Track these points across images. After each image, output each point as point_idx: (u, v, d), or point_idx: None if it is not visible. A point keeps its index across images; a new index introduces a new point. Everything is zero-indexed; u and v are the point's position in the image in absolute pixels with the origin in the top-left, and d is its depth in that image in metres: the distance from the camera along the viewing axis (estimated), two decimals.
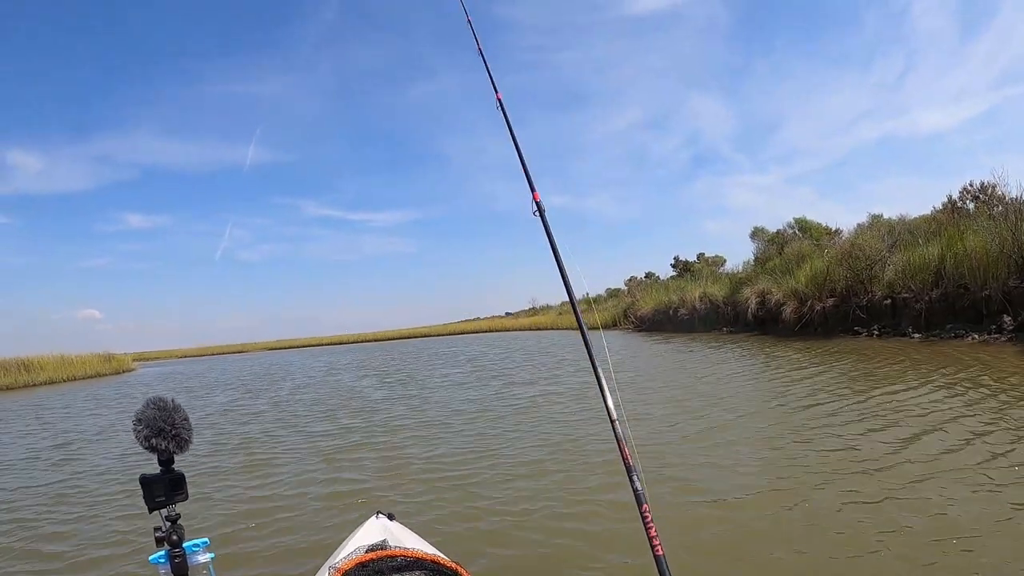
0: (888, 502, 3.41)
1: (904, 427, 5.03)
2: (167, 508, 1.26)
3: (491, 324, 54.23)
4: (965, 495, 3.39)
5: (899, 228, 14.52)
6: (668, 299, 24.96)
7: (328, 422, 8.30)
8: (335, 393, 12.07)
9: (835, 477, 3.94)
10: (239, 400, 12.44)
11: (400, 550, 1.73)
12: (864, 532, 3.06)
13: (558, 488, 4.35)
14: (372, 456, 5.99)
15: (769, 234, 20.34)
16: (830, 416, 5.75)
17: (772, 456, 4.64)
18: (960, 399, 5.84)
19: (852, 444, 4.69)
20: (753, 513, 3.50)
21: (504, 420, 7.30)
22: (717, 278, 23.67)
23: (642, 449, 5.03)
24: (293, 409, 10.07)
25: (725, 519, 3.47)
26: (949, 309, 11.29)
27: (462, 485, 4.67)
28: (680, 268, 34.56)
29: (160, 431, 1.24)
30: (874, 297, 13.28)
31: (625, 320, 31.01)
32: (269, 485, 5.23)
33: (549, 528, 3.60)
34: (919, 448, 4.39)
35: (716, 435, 5.45)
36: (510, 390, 10.20)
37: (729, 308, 20.05)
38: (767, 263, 19.00)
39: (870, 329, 13.00)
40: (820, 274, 15.00)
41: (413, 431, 7.09)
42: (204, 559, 1.30)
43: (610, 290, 44.53)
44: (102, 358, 30.04)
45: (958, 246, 11.12)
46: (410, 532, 2.35)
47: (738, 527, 3.34)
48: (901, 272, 12.60)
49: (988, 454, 4.05)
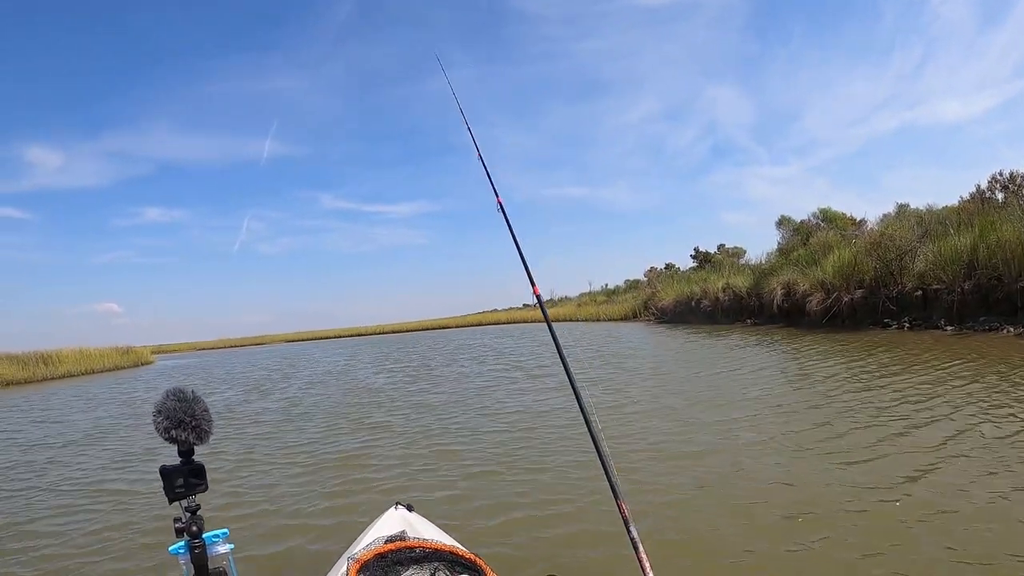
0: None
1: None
2: (187, 499, 1.27)
3: (509, 316, 54.35)
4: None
5: (928, 218, 14.36)
6: (690, 290, 24.91)
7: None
8: (349, 396, 11.88)
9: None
10: (247, 398, 12.57)
11: (419, 541, 1.75)
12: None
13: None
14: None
15: (794, 223, 20.18)
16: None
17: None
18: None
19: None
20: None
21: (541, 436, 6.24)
22: (740, 269, 23.56)
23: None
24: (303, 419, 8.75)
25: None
26: (982, 301, 11.20)
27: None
28: (700, 259, 34.38)
29: (180, 422, 1.25)
30: (904, 288, 13.19)
31: (645, 311, 31.01)
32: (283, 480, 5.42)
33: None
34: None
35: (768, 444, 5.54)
36: (543, 396, 8.73)
37: (753, 299, 19.99)
38: (792, 253, 18.89)
39: (900, 321, 12.93)
40: (848, 265, 14.90)
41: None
42: (224, 550, 1.32)
43: (629, 281, 44.44)
44: (121, 351, 30.35)
45: (991, 236, 11.01)
46: (429, 523, 2.36)
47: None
48: (932, 263, 12.50)
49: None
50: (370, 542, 1.81)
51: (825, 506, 3.61)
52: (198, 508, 1.29)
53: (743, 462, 4.67)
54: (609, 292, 44.41)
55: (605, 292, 45.02)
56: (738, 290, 21.21)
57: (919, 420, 5.34)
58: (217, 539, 1.32)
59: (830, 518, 3.42)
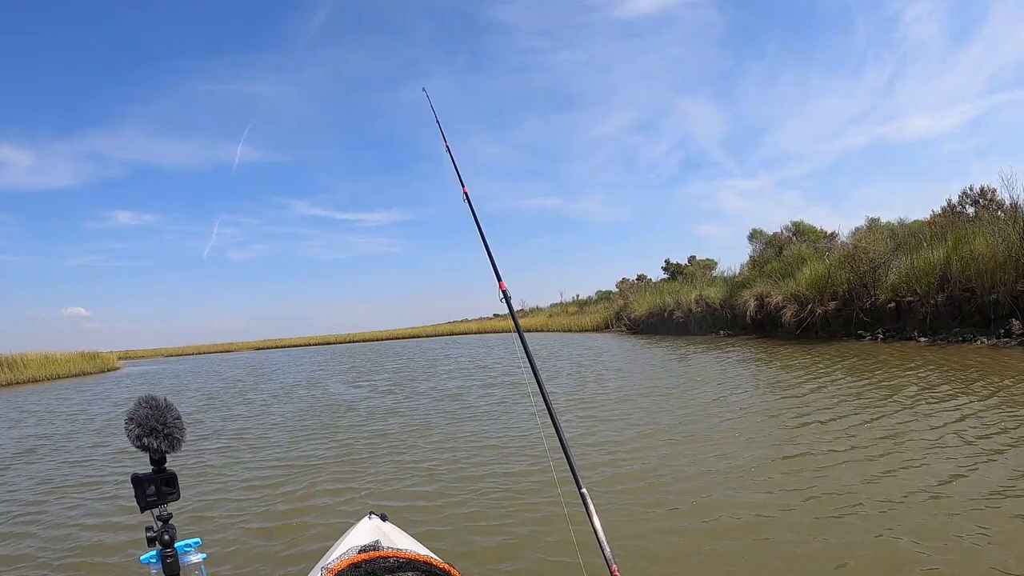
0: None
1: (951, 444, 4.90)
2: (159, 507, 1.26)
3: (480, 325, 53.91)
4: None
5: (901, 232, 14.56)
6: (663, 301, 24.90)
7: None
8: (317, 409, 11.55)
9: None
10: (209, 406, 11.98)
11: (393, 551, 1.62)
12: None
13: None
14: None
15: (767, 236, 20.36)
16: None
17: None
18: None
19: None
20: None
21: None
22: (712, 281, 23.67)
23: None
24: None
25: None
26: (955, 313, 11.30)
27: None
28: (672, 271, 34.63)
29: (152, 430, 1.24)
30: (877, 300, 13.28)
31: (618, 322, 30.96)
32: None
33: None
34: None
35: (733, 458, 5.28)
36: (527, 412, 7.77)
37: (726, 311, 20.03)
38: (765, 266, 19.00)
39: (874, 332, 12.99)
40: (821, 277, 14.99)
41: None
42: (196, 559, 1.31)
43: (600, 292, 44.56)
44: (87, 356, 29.69)
45: (965, 249, 11.13)
46: (403, 533, 2.32)
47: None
48: (905, 275, 12.61)
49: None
50: (343, 552, 1.63)
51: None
52: (170, 517, 1.28)
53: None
54: (580, 303, 44.41)
55: (576, 303, 45.02)
56: (711, 302, 21.24)
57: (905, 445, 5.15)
58: (189, 548, 1.29)
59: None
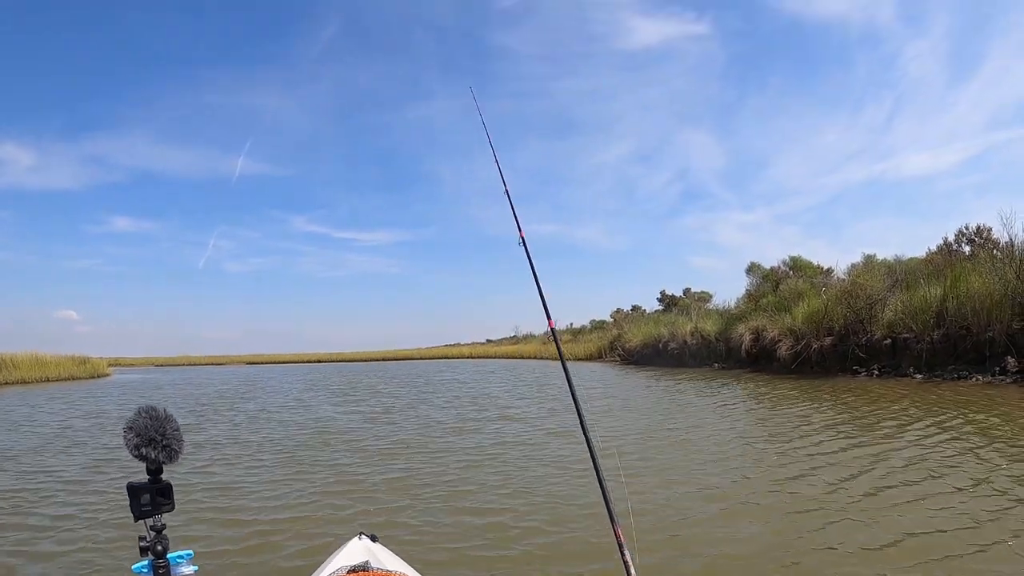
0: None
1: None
2: (153, 518, 1.27)
3: (473, 350, 53.63)
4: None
5: (898, 269, 14.66)
6: (658, 332, 24.85)
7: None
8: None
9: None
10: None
11: (382, 572, 1.72)
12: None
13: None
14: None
15: (764, 270, 20.47)
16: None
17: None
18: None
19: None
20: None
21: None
22: (708, 313, 23.69)
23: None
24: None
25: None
26: (951, 350, 11.30)
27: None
28: (667, 302, 34.71)
29: (151, 440, 1.25)
30: (873, 336, 13.29)
31: (611, 352, 30.83)
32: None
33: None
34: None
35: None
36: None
37: (721, 344, 19.99)
38: (761, 300, 19.05)
39: (870, 369, 12.96)
40: (818, 312, 15.01)
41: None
42: (188, 571, 1.31)
43: (595, 322, 44.51)
44: (77, 361, 29.47)
45: (962, 287, 11.19)
46: (392, 554, 2.34)
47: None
48: (901, 312, 12.65)
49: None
50: (332, 572, 1.76)
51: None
52: (164, 527, 1.29)
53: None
54: (575, 331, 44.29)
55: (570, 331, 44.89)
56: (706, 334, 21.22)
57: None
58: (182, 560, 1.31)
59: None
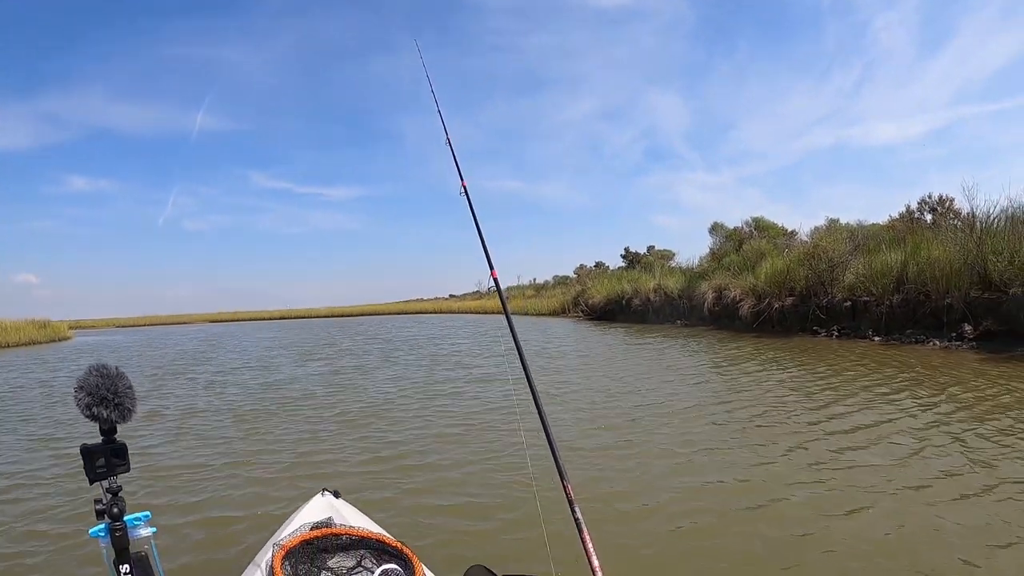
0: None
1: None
2: (108, 480, 1.24)
3: (436, 305, 53.29)
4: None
5: (860, 233, 14.87)
6: (621, 289, 24.99)
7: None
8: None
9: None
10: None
11: (345, 528, 1.72)
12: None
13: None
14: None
15: (727, 230, 20.57)
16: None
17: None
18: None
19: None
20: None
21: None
22: (671, 271, 23.86)
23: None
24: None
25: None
26: (910, 315, 11.58)
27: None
28: (630, 259, 34.90)
29: (103, 399, 1.21)
30: (834, 299, 13.54)
31: (575, 308, 30.96)
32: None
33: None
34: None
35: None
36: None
37: (684, 301, 20.22)
38: (724, 259, 19.20)
39: (829, 329, 13.25)
40: (780, 273, 15.19)
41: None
42: (146, 533, 1.29)
43: (557, 277, 44.63)
44: (37, 325, 28.66)
45: (923, 254, 11.38)
46: (355, 510, 2.34)
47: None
48: (862, 276, 12.86)
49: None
50: (296, 528, 1.75)
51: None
52: (120, 489, 1.25)
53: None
54: (537, 287, 44.37)
55: (533, 287, 44.95)
56: (669, 291, 21.41)
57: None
58: (139, 522, 1.28)
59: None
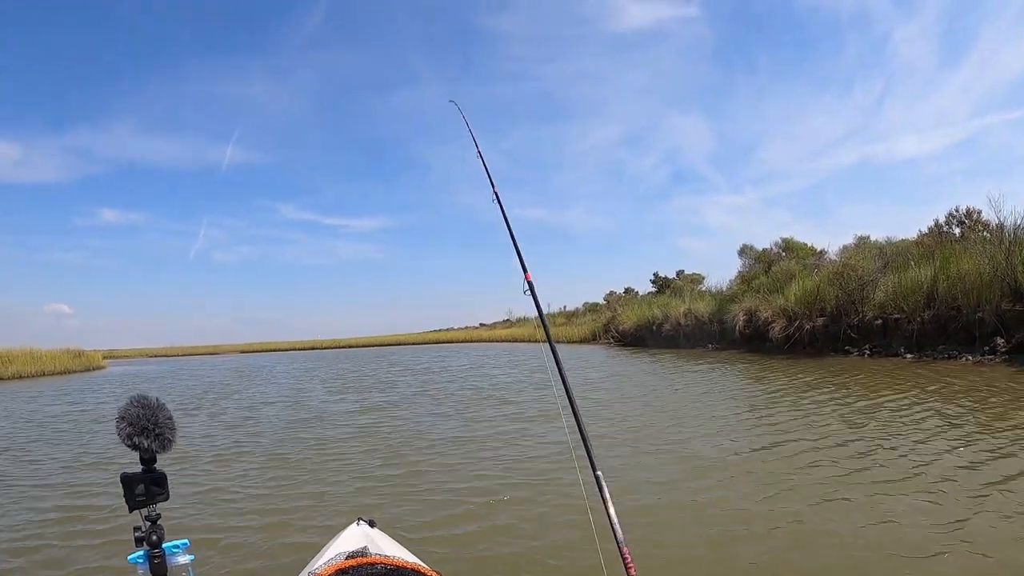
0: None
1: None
2: (147, 508, 1.26)
3: (467, 335, 53.81)
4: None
5: (889, 250, 14.85)
6: (652, 314, 25.05)
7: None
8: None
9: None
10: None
11: (381, 558, 1.57)
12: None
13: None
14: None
15: (756, 252, 20.63)
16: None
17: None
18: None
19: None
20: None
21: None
22: (701, 295, 23.88)
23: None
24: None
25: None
26: (941, 330, 11.52)
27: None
28: (660, 284, 34.91)
29: (143, 429, 1.24)
30: (865, 317, 13.51)
31: (605, 334, 31.03)
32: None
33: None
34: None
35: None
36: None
37: (715, 325, 20.20)
38: (753, 281, 19.23)
39: (861, 349, 13.19)
40: (810, 293, 15.21)
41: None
42: (184, 560, 1.30)
43: (588, 304, 44.71)
44: (72, 354, 29.44)
45: (952, 268, 11.38)
46: (391, 540, 2.32)
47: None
48: (892, 293, 12.85)
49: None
50: (331, 558, 1.62)
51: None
52: (159, 517, 1.27)
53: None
54: (568, 314, 44.50)
55: (564, 314, 45.10)
56: (700, 315, 21.42)
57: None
58: (177, 550, 1.29)
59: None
